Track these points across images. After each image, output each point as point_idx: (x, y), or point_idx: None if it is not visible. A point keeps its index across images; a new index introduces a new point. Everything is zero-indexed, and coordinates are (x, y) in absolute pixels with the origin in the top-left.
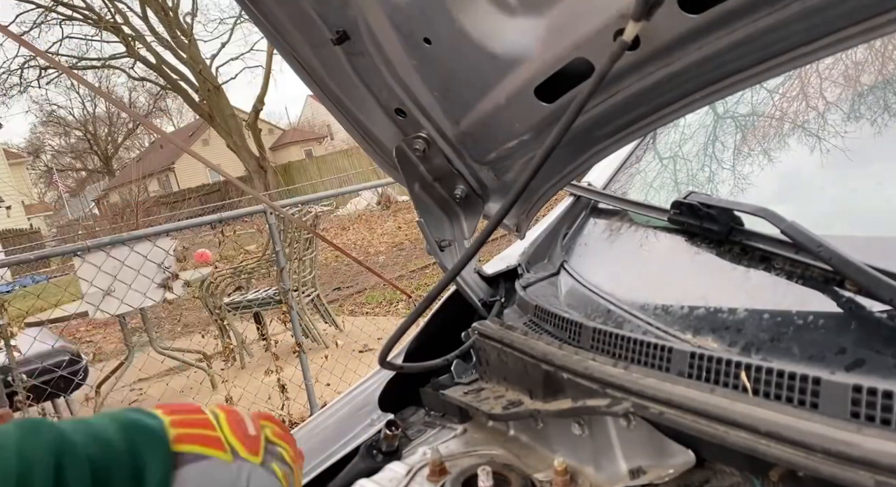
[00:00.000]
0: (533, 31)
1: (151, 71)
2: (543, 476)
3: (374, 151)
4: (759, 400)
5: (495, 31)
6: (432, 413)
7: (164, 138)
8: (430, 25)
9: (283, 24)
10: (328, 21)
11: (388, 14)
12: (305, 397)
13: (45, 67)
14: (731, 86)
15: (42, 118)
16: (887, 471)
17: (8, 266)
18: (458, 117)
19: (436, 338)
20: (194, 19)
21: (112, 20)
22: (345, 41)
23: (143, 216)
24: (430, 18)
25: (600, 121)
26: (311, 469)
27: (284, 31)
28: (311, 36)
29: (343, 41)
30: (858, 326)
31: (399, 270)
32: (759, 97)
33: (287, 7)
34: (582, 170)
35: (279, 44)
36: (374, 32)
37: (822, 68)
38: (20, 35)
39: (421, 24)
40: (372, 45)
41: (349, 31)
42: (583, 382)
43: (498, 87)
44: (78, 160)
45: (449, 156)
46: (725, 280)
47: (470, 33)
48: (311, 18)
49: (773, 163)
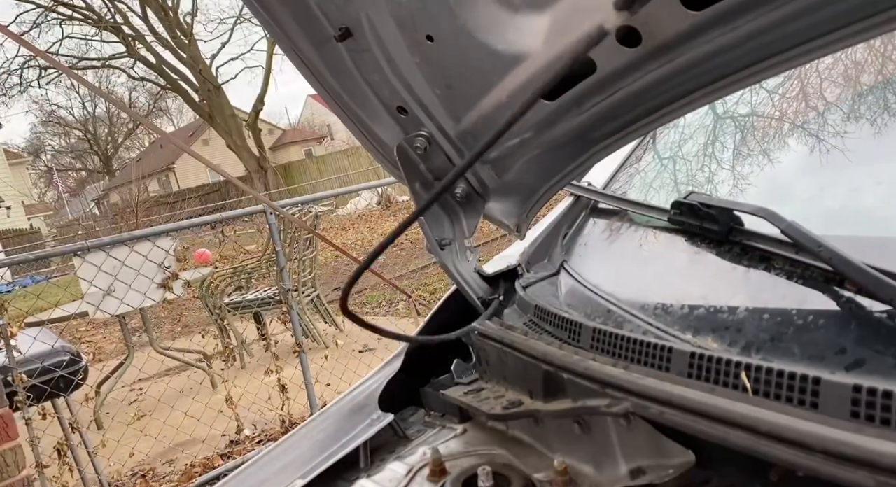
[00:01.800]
0: (535, 28)
1: (151, 71)
2: (543, 476)
3: (375, 149)
4: (759, 399)
5: (498, 28)
6: (432, 413)
7: (164, 138)
8: (433, 22)
9: (287, 21)
10: (331, 18)
11: (391, 11)
12: (305, 397)
13: (45, 67)
14: (732, 85)
15: (42, 118)
16: (887, 471)
17: (8, 266)
18: (460, 115)
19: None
20: (194, 19)
21: (112, 20)
22: (347, 38)
23: (143, 216)
24: (432, 15)
25: (600, 120)
26: (311, 469)
27: (287, 28)
28: (313, 33)
29: (346, 38)
30: (858, 326)
31: (399, 270)
32: (759, 97)
33: (290, 4)
34: (582, 169)
35: (282, 40)
36: (377, 29)
37: (822, 68)
38: (20, 35)
39: (424, 21)
40: (374, 42)
41: (352, 28)
42: (583, 382)
43: (500, 85)
44: (78, 160)
45: (450, 154)
46: (725, 280)
47: (472, 30)
48: (315, 15)
49: (773, 163)
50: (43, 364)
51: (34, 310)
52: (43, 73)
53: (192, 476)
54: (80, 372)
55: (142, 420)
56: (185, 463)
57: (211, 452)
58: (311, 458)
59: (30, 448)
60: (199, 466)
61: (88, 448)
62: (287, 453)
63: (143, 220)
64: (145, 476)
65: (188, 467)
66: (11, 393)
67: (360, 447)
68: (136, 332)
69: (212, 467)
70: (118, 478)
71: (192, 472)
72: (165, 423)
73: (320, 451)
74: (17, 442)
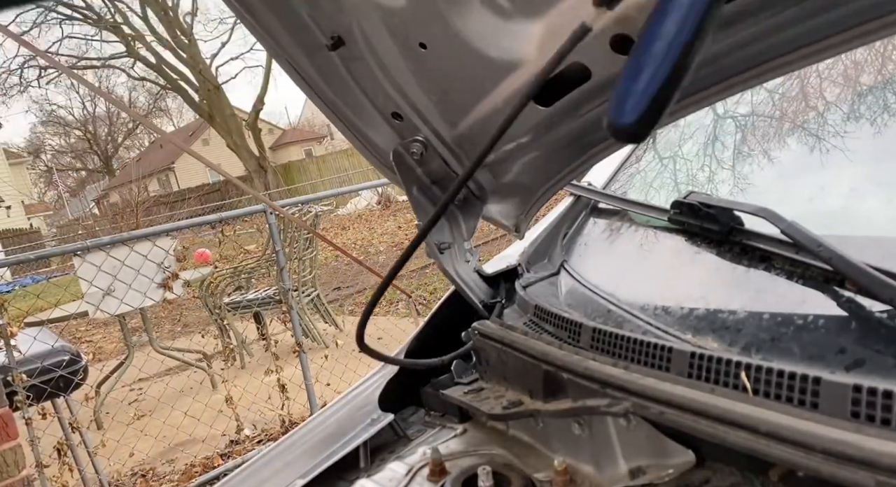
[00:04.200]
0: (529, 34)
1: (151, 71)
2: (543, 476)
3: (372, 155)
4: (759, 399)
5: (491, 34)
6: (432, 413)
7: (164, 138)
8: (425, 30)
9: (278, 31)
10: (322, 27)
11: (383, 19)
12: (305, 397)
13: (45, 67)
14: (729, 88)
15: (42, 118)
16: (887, 471)
17: (8, 266)
18: (456, 120)
19: (436, 338)
20: (194, 19)
21: (112, 20)
22: (340, 47)
23: (143, 216)
24: (424, 23)
25: (596, 125)
26: (312, 469)
27: (279, 38)
28: (305, 42)
29: (338, 47)
30: (858, 326)
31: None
32: (759, 97)
33: (281, 14)
34: (580, 171)
35: (274, 50)
36: (369, 38)
37: (822, 68)
38: (20, 35)
39: (416, 28)
40: (367, 50)
41: (344, 36)
42: (583, 382)
43: (495, 91)
44: (78, 160)
45: (446, 158)
46: (725, 280)
47: (465, 37)
48: (306, 24)
49: (773, 163)
50: (43, 363)
51: (34, 310)
52: (43, 72)
53: (192, 476)
54: (79, 372)
55: (142, 419)
56: (185, 463)
57: (211, 452)
58: (311, 458)
59: (30, 448)
60: (199, 466)
61: (88, 447)
62: (287, 453)
63: (143, 220)
64: (145, 476)
65: (188, 467)
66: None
67: (360, 447)
68: (136, 332)
69: (212, 467)
70: (118, 478)
71: (192, 472)
72: (165, 423)
73: (320, 451)
74: (17, 442)
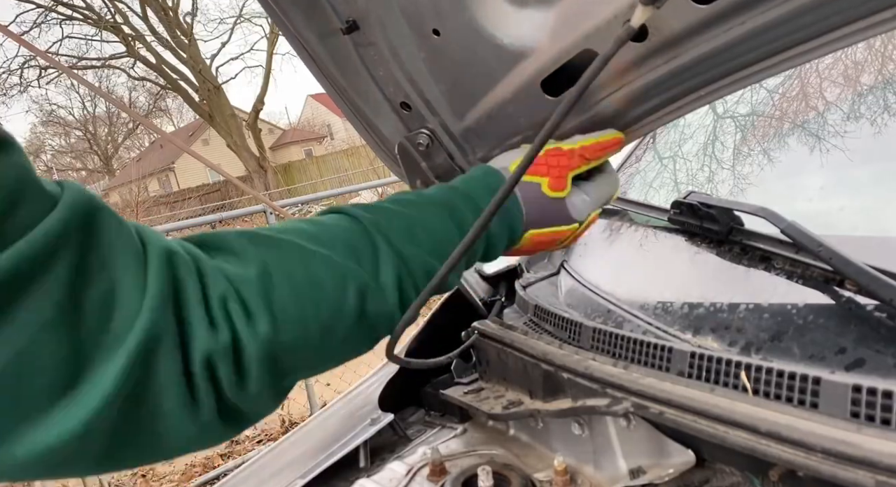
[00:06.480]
0: (542, 22)
1: (151, 71)
2: (543, 475)
3: (377, 145)
4: (759, 399)
5: (505, 21)
6: (432, 413)
7: (164, 138)
8: (440, 16)
9: (293, 11)
10: (338, 10)
11: (399, 4)
12: (305, 397)
13: (45, 67)
14: (737, 82)
15: (42, 118)
16: (887, 471)
17: None
18: (464, 112)
19: (436, 338)
20: (194, 19)
21: (112, 20)
22: (354, 31)
23: (143, 216)
24: (440, 9)
25: (609, 118)
26: (311, 469)
27: (294, 19)
28: (320, 24)
29: (352, 31)
30: (858, 326)
31: None
32: (759, 97)
33: None
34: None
35: (288, 31)
36: (384, 23)
37: (822, 68)
38: (20, 35)
39: (431, 14)
40: (381, 35)
41: (359, 20)
42: (583, 382)
43: (504, 81)
44: (78, 160)
45: (452, 152)
46: (725, 279)
47: (479, 24)
48: (322, 6)
49: (773, 163)
50: None
51: None
52: (43, 72)
53: (192, 476)
54: None
55: None
56: (184, 463)
57: (211, 452)
58: (311, 458)
59: None
60: (199, 466)
61: None
62: (287, 453)
63: (143, 220)
64: (145, 476)
65: (188, 467)
66: None
67: (360, 447)
68: None
69: (212, 467)
70: (118, 477)
71: (191, 472)
72: None
73: (320, 451)
74: None
